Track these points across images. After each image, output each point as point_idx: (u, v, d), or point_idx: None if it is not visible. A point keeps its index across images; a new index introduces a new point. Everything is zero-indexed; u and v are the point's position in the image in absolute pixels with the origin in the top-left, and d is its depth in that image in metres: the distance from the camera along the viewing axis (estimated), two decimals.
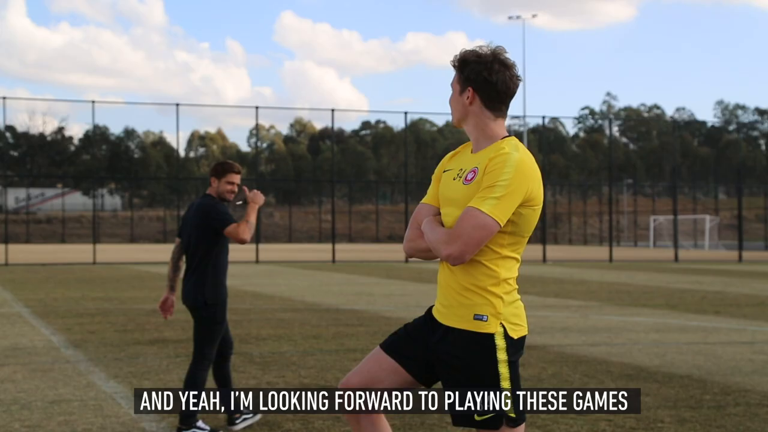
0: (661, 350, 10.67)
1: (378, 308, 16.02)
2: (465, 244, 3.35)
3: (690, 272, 30.45)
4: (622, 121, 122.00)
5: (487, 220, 3.33)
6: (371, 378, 3.64)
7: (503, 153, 3.43)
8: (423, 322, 3.66)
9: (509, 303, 3.48)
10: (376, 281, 24.55)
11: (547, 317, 14.55)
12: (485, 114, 3.55)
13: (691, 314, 15.22)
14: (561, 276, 27.72)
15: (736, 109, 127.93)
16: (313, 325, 13.14)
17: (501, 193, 3.35)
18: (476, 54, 3.54)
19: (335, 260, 38.25)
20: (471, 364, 3.43)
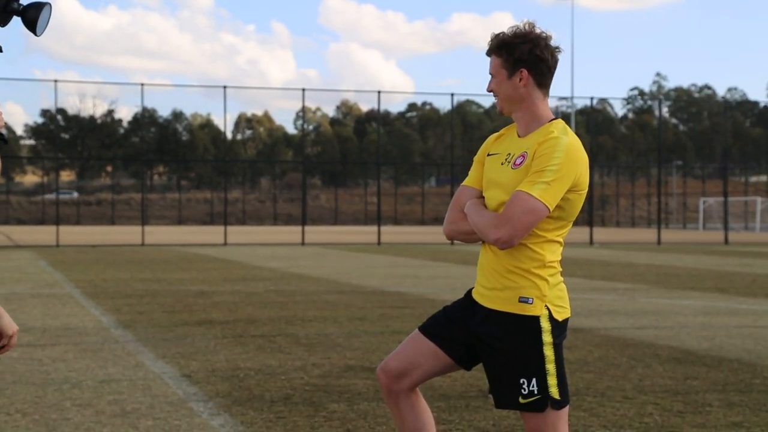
0: (710, 333, 10.56)
1: (423, 290, 16.03)
2: (514, 228, 3.33)
3: (740, 255, 30.02)
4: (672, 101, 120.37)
5: (537, 205, 3.32)
6: (410, 361, 3.65)
7: (553, 137, 3.40)
8: (463, 305, 3.65)
9: (554, 285, 3.47)
10: (422, 263, 24.56)
11: (594, 300, 14.46)
12: (536, 95, 3.51)
13: (740, 297, 15.02)
14: (608, 258, 27.50)
15: None
16: (358, 306, 13.19)
17: (551, 178, 3.33)
18: (519, 33, 3.49)
19: (381, 242, 38.32)
20: (516, 346, 3.43)
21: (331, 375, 7.76)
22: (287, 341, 9.69)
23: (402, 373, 3.65)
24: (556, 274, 3.48)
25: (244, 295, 14.95)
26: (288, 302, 13.74)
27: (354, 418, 6.19)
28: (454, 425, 6.01)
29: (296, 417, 6.23)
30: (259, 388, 7.21)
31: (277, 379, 7.58)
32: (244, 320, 11.51)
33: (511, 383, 3.44)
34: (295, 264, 23.79)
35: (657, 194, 44.55)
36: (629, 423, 6.11)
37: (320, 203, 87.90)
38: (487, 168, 3.60)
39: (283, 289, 16.00)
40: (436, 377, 3.87)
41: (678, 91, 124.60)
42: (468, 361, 3.64)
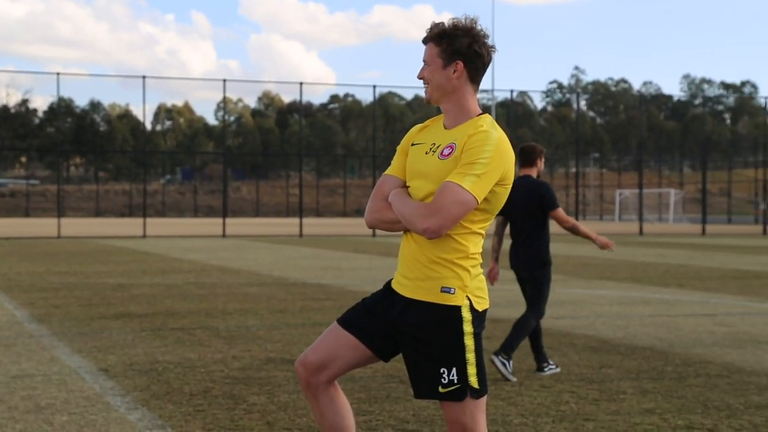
0: (625, 323, 10.80)
1: (345, 282, 16.04)
2: (444, 218, 3.34)
3: (654, 245, 30.76)
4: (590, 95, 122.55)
5: (467, 197, 3.33)
6: (328, 354, 3.64)
7: (483, 130, 3.41)
8: (382, 297, 3.65)
9: (475, 276, 3.50)
10: (343, 255, 24.57)
11: (513, 291, 14.63)
12: (467, 89, 3.52)
13: (654, 287, 15.39)
14: None
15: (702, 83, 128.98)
16: (279, 299, 13.14)
17: (481, 171, 3.35)
18: (461, 26, 3.49)
19: (302, 234, 38.20)
20: (437, 336, 3.44)
21: (251, 367, 7.71)
22: (207, 334, 9.60)
23: (321, 366, 3.64)
24: (477, 266, 3.51)
25: (163, 287, 14.76)
26: (208, 295, 13.61)
27: (274, 411, 6.17)
28: (374, 416, 6.03)
29: (216, 410, 6.18)
30: (178, 381, 7.13)
31: (196, 372, 7.51)
32: (163, 313, 11.36)
33: (431, 373, 3.45)
34: (215, 256, 23.57)
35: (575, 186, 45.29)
36: (546, 411, 6.21)
37: (241, 195, 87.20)
38: (411, 158, 3.60)
39: (204, 282, 15.84)
40: (355, 369, 3.87)
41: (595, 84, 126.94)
42: (387, 353, 3.65)
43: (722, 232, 44.77)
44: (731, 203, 70.03)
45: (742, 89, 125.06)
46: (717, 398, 6.63)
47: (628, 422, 5.90)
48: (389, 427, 5.76)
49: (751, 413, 6.18)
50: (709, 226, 45.53)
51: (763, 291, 14.88)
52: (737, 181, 73.30)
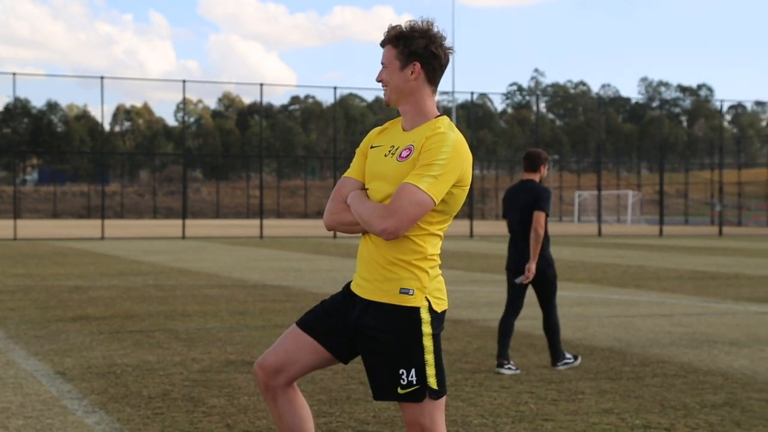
0: (584, 323, 10.89)
1: (305, 284, 16.00)
2: (401, 219, 3.35)
3: (613, 247, 31.04)
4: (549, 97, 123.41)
5: (424, 198, 3.34)
6: (287, 356, 3.63)
7: (440, 132, 3.43)
8: (341, 298, 3.65)
9: (433, 278, 3.51)
10: (304, 257, 24.52)
11: (474, 292, 14.71)
12: (425, 90, 3.54)
13: (613, 288, 15.53)
14: (487, 251, 28.02)
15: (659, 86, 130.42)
16: (239, 301, 13.08)
17: (438, 172, 3.36)
18: (417, 28, 3.51)
19: (263, 236, 38.05)
20: (396, 337, 3.45)
21: (211, 370, 7.67)
22: (166, 336, 9.53)
23: (279, 369, 3.63)
24: (436, 267, 3.53)
25: (121, 290, 14.62)
26: (168, 297, 13.51)
27: (234, 413, 6.14)
28: (334, 418, 6.03)
29: (175, 413, 6.13)
30: (136, 384, 7.07)
31: (155, 375, 7.45)
32: (122, 316, 11.26)
33: (391, 374, 3.46)
34: (175, 258, 23.40)
35: None
36: (505, 412, 6.24)
37: (201, 196, 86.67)
38: (370, 160, 3.61)
39: (163, 284, 15.72)
40: (315, 371, 3.86)
41: (555, 87, 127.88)
42: (346, 355, 3.65)
43: (679, 234, 45.30)
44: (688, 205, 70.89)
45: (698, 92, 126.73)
46: (674, 398, 6.71)
47: (586, 422, 5.95)
48: (349, 428, 5.76)
49: (707, 412, 6.26)
50: (666, 228, 46.06)
51: (719, 291, 15.09)
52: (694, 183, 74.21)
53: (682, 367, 7.95)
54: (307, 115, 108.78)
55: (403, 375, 3.44)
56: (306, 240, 36.38)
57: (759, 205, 67.14)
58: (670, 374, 7.63)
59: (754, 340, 9.59)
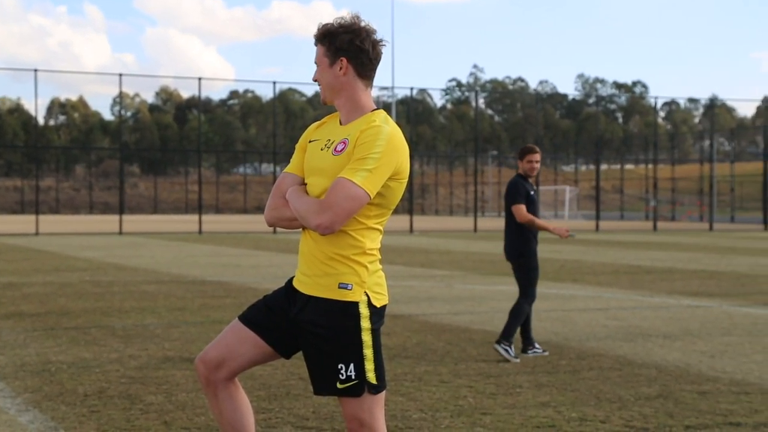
0: None
1: (245, 280, 15.92)
2: (336, 214, 3.35)
3: (550, 242, 31.40)
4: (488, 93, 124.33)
5: (358, 192, 3.35)
6: (229, 351, 3.63)
7: (375, 125, 3.44)
8: (283, 293, 3.66)
9: (373, 272, 3.52)
10: (244, 252, 24.38)
11: (413, 287, 14.77)
12: (357, 84, 3.55)
13: (550, 282, 15.71)
14: (427, 246, 28.16)
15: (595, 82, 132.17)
16: (178, 297, 12.96)
17: (373, 166, 3.37)
18: (341, 24, 3.53)
19: (202, 231, 37.75)
20: (335, 332, 3.45)
21: (148, 367, 7.59)
22: (103, 333, 9.40)
23: (220, 363, 3.62)
24: (375, 262, 3.54)
25: (56, 286, 14.38)
26: (104, 293, 13.32)
27: (172, 410, 6.08)
28: (274, 413, 6.01)
29: (111, 411, 6.05)
30: (71, 382, 6.96)
31: (91, 372, 7.34)
32: (57, 312, 11.08)
33: (330, 369, 3.46)
34: (111, 254, 23.08)
35: (474, 183, 45.92)
36: (444, 406, 6.28)
37: (139, 191, 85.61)
38: (308, 155, 3.62)
39: (99, 280, 15.50)
40: (255, 366, 3.85)
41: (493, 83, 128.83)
42: (287, 350, 3.65)
43: (615, 228, 46.02)
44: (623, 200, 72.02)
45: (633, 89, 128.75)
46: (609, 390, 6.82)
47: (523, 415, 6.02)
48: (289, 424, 5.74)
49: (641, 404, 6.38)
50: (602, 223, 46.74)
51: (654, 285, 15.37)
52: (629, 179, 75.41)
53: (617, 360, 8.08)
54: (246, 110, 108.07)
55: (341, 370, 3.45)
56: (245, 235, 36.16)
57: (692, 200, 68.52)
58: (605, 367, 7.75)
59: (686, 333, 9.79)
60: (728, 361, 8.11)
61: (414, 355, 8.25)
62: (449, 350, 8.52)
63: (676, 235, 39.05)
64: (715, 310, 11.98)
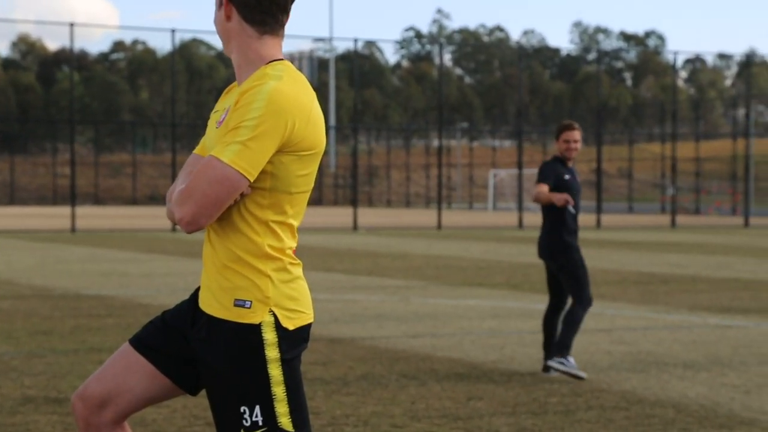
0: (500, 341, 11.07)
1: (134, 293, 15.83)
2: (198, 204, 3.33)
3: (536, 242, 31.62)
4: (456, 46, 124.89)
5: (226, 172, 3.31)
6: (117, 384, 3.61)
7: (255, 84, 3.42)
8: (186, 309, 3.64)
9: (282, 282, 3.47)
10: (132, 257, 24.23)
11: (358, 301, 14.79)
12: (246, 32, 3.55)
13: (537, 295, 15.81)
14: (376, 248, 28.19)
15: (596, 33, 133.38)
16: (43, 316, 12.85)
17: (246, 136, 3.33)
18: None
19: (75, 229, 37.42)
20: (232, 364, 3.44)
21: (2, 410, 7.52)
22: None
23: (105, 401, 3.59)
24: (283, 268, 3.48)
25: None
26: None
27: None
28: None
29: None
30: None
31: None
32: None
33: (231, 412, 3.46)
34: None
35: (438, 165, 46.13)
36: None
37: None
38: (207, 131, 3.64)
39: None
40: (150, 405, 3.83)
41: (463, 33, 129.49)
42: (192, 383, 3.63)
43: (622, 224, 46.46)
44: (633, 187, 72.83)
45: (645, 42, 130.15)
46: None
47: None
48: None
49: None
50: (605, 217, 47.19)
51: (671, 299, 15.56)
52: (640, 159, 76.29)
53: (623, 397, 8.17)
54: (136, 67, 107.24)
55: (245, 414, 3.44)
56: (135, 234, 35.89)
57: (722, 187, 69.47)
58: (608, 406, 7.84)
59: (714, 362, 9.92)
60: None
61: (358, 391, 8.26)
62: (404, 385, 8.54)
63: (701, 232, 39.56)
64: (751, 331, 12.17)
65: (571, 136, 9.39)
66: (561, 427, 7.15)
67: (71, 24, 39.63)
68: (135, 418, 6.97)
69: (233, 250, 3.45)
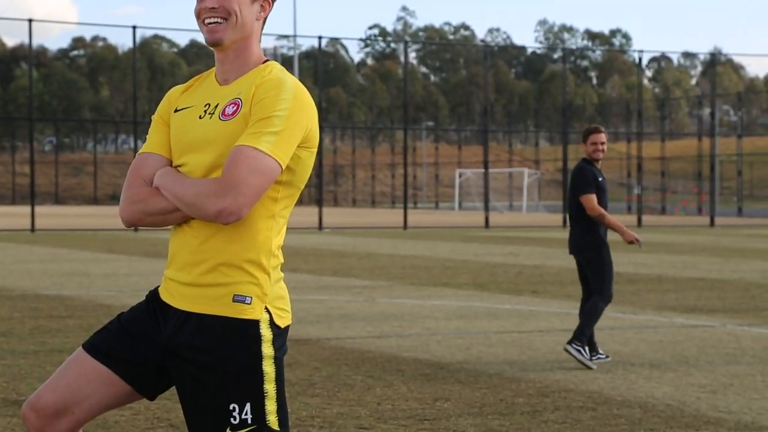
0: (466, 342, 11.09)
1: (95, 293, 15.76)
2: (243, 194, 3.31)
3: (504, 241, 31.72)
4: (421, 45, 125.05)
5: (268, 163, 3.33)
6: (72, 392, 3.56)
7: (275, 77, 3.45)
8: (146, 311, 3.61)
9: (276, 281, 3.50)
10: (93, 256, 24.13)
11: (323, 302, 14.78)
12: (259, 32, 3.62)
13: (503, 295, 15.87)
14: (341, 247, 28.19)
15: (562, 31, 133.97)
16: (2, 317, 12.80)
17: (280, 127, 3.36)
18: None
19: (35, 228, 37.23)
20: (226, 361, 3.42)
21: None
22: None
23: (60, 410, 3.54)
24: (279, 267, 3.52)
25: None
26: None
27: None
28: None
29: None
30: None
31: None
32: None
33: (217, 410, 3.43)
34: None
35: (403, 164, 46.18)
36: None
37: None
38: (179, 128, 3.57)
39: None
40: (109, 411, 3.79)
41: (428, 31, 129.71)
42: (152, 387, 3.60)
43: None
44: None
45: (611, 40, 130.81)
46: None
47: None
48: None
49: None
50: None
51: (638, 299, 15.64)
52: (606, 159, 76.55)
53: (590, 397, 8.20)
54: (96, 64, 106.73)
55: (234, 411, 3.42)
56: (96, 234, 35.73)
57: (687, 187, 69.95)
58: (574, 406, 7.86)
59: (680, 362, 9.99)
60: (734, 397, 8.30)
61: (324, 392, 8.26)
62: (370, 385, 8.54)
63: (666, 232, 39.81)
64: (717, 330, 12.25)
65: (598, 138, 10.12)
66: (528, 428, 7.16)
67: (29, 20, 39.37)
68: (97, 421, 6.93)
69: (238, 243, 3.43)
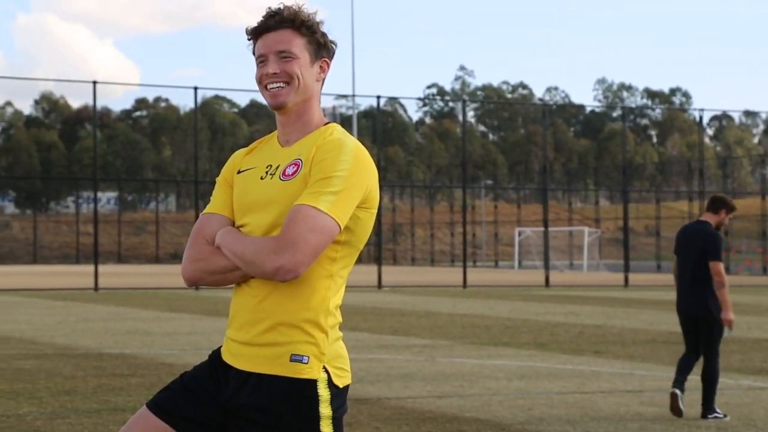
0: (528, 402, 11.00)
1: (157, 352, 15.82)
2: (301, 252, 3.34)
3: (564, 301, 31.49)
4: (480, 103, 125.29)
5: (326, 222, 3.36)
6: None
7: (335, 138, 3.50)
8: (208, 371, 3.64)
9: (334, 340, 3.51)
10: (155, 315, 24.23)
11: (383, 361, 14.74)
12: (319, 94, 3.67)
13: (564, 355, 15.73)
14: (401, 306, 28.12)
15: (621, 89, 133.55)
16: (65, 376, 12.85)
17: (339, 188, 3.39)
18: (311, 14, 3.62)
19: (98, 287, 37.51)
20: (285, 421, 3.44)
21: None
22: None
23: None
24: (337, 326, 3.53)
25: None
26: None
27: None
28: None
29: None
30: None
31: None
32: None
33: None
34: None
35: (462, 222, 46.14)
36: None
37: (12, 233, 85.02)
38: (240, 189, 3.62)
39: None
40: None
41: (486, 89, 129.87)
42: None
43: (650, 283, 46.23)
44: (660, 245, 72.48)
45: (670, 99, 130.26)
46: None
47: None
48: None
49: None
50: (633, 275, 46.99)
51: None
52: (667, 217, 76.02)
53: None
54: (158, 125, 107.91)
55: None
56: (158, 293, 35.91)
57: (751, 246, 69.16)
58: None
59: (747, 425, 9.84)
60: None
61: None
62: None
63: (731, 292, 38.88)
64: None
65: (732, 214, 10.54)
66: None
67: (94, 82, 39.93)
68: None
69: (296, 302, 3.45)
